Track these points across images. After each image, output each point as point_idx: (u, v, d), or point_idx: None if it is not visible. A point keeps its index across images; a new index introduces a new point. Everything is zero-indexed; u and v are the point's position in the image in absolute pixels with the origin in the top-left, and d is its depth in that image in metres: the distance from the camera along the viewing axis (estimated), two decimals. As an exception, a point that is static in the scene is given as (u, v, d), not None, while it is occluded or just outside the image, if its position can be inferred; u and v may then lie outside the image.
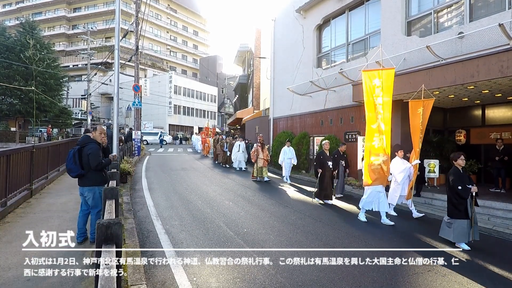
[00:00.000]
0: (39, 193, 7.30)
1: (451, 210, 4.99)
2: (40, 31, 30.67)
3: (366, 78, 6.37)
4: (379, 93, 6.17)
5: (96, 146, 4.39)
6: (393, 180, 6.78)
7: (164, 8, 54.47)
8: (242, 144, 14.47)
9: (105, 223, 2.20)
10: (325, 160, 7.86)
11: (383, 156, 6.07)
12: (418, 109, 6.55)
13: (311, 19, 13.56)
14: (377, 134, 6.13)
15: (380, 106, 6.12)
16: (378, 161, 6.09)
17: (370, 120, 6.29)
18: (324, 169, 7.76)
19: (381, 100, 6.13)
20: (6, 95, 27.22)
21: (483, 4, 7.77)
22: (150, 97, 33.96)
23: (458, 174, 5.00)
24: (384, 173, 6.12)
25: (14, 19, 45.27)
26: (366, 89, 6.37)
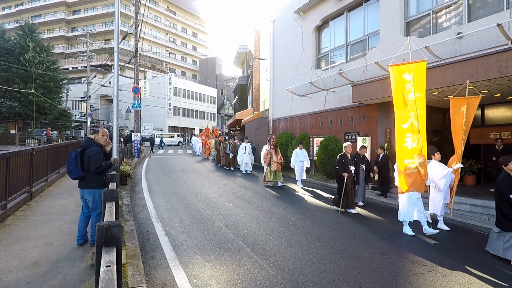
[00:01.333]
0: (39, 196, 7.29)
1: (502, 221, 4.37)
2: (40, 33, 30.70)
3: (395, 73, 5.80)
4: (411, 88, 5.57)
5: (97, 149, 4.39)
6: (432, 186, 6.08)
7: (163, 10, 54.57)
8: (248, 146, 13.90)
9: (105, 225, 2.20)
10: (348, 164, 7.19)
11: (419, 157, 5.42)
12: (461, 108, 5.95)
13: (310, 20, 13.58)
14: (410, 134, 5.54)
15: (413, 103, 5.53)
16: (414, 164, 5.45)
17: (400, 119, 5.68)
18: (347, 174, 7.08)
19: (413, 96, 5.52)
20: (5, 98, 27.24)
21: (482, 5, 7.79)
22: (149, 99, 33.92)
23: (509, 180, 4.37)
24: (421, 177, 5.43)
25: (13, 22, 45.40)
26: (395, 85, 5.79)
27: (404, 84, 5.67)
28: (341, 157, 7.29)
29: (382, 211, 7.30)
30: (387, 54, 9.37)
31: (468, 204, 7.27)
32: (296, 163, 10.65)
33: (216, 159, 16.92)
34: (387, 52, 9.50)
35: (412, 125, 5.57)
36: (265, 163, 10.59)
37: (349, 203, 7.05)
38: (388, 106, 9.52)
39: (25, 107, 26.59)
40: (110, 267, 1.77)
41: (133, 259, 3.85)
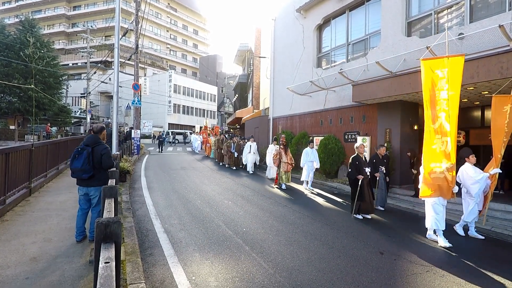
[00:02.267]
0: (38, 192, 7.29)
1: None
2: (40, 29, 30.60)
3: (426, 68, 5.31)
4: (444, 85, 5.07)
5: (108, 147, 4.50)
6: (464, 192, 5.62)
7: (164, 7, 54.41)
8: (253, 145, 13.46)
9: (104, 222, 2.20)
10: (362, 166, 6.63)
11: (446, 162, 5.01)
12: (504, 107, 5.48)
13: (312, 19, 13.55)
14: (439, 136, 5.11)
15: (445, 102, 5.06)
16: (441, 168, 5.05)
17: (429, 118, 5.27)
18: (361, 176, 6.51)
19: (446, 94, 5.04)
20: (5, 93, 27.18)
21: (483, 5, 7.78)
22: (149, 96, 33.90)
23: None
24: (448, 183, 4.99)
25: (13, 17, 45.23)
26: (425, 81, 5.32)
27: (436, 80, 5.18)
28: (354, 159, 6.68)
29: (382, 211, 7.30)
30: (388, 54, 9.37)
31: (466, 205, 7.27)
32: (306, 163, 10.02)
33: (218, 158, 16.49)
34: (388, 52, 9.49)
35: (441, 126, 5.10)
36: (275, 163, 10.05)
37: (367, 208, 6.47)
38: (389, 106, 9.54)
39: (25, 103, 26.53)
40: (109, 264, 1.77)
41: (131, 256, 3.85)
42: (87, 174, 4.24)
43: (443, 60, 5.16)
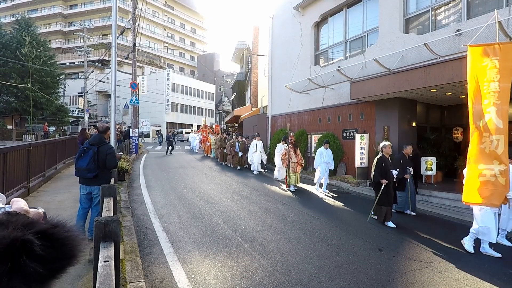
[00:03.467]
0: (36, 191, 7.27)
1: None
2: (36, 28, 30.39)
3: (474, 57, 4.68)
4: (495, 76, 4.43)
5: (113, 147, 4.54)
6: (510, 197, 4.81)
7: (161, 5, 54.13)
8: (259, 144, 12.88)
9: (104, 221, 2.20)
10: (388, 169, 6.03)
11: (498, 165, 4.35)
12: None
13: (309, 16, 13.53)
14: (487, 134, 4.49)
15: (494, 95, 4.42)
16: (492, 171, 4.38)
17: (475, 113, 4.66)
18: (388, 180, 5.94)
19: (497, 86, 4.41)
20: (2, 93, 27.02)
21: (481, 2, 7.79)
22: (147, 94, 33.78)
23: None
24: (503, 188, 4.32)
25: (10, 16, 44.90)
26: (471, 71, 4.68)
27: (484, 70, 4.54)
28: (379, 160, 6.08)
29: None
30: (386, 51, 9.37)
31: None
32: (320, 165, 9.25)
33: (220, 158, 15.99)
34: (386, 49, 9.50)
35: (491, 122, 4.46)
36: (284, 164, 9.45)
37: (387, 214, 5.91)
38: (387, 103, 9.55)
39: (22, 102, 26.38)
40: (108, 262, 1.77)
41: (131, 255, 3.85)
42: (92, 174, 4.26)
43: (494, 46, 4.52)
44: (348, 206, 7.44)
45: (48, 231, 0.53)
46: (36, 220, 0.56)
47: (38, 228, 0.52)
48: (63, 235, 0.54)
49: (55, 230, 0.55)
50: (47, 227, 0.54)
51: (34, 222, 0.54)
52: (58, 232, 0.54)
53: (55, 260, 0.53)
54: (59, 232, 0.55)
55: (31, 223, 0.53)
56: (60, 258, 0.54)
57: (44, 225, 0.54)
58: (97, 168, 4.27)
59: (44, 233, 0.52)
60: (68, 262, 0.55)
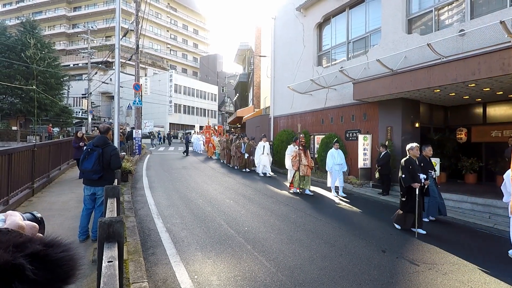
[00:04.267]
0: (41, 192, 7.32)
1: None
2: (41, 30, 30.67)
3: None
4: None
5: (117, 148, 4.56)
6: None
7: (164, 7, 54.39)
8: (266, 145, 12.42)
9: (107, 221, 2.21)
10: (417, 172, 5.58)
11: None
12: None
13: (312, 17, 13.52)
14: None
15: None
16: None
17: None
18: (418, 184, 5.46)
19: None
20: (7, 94, 27.27)
21: (484, 1, 7.74)
22: (150, 96, 33.94)
23: None
24: None
25: (14, 19, 45.27)
26: None
27: None
28: (407, 163, 5.62)
29: (383, 209, 7.30)
30: (388, 51, 9.35)
31: (469, 202, 7.28)
32: (332, 167, 8.78)
33: (226, 159, 15.48)
34: (388, 49, 9.47)
35: None
36: (294, 167, 8.96)
37: (418, 221, 5.44)
38: (390, 104, 9.52)
39: (27, 104, 26.61)
40: (112, 263, 1.78)
41: (134, 255, 3.87)
42: (97, 175, 4.28)
43: None
44: (351, 207, 7.41)
45: (41, 253, 0.50)
46: (30, 239, 0.52)
47: (30, 249, 0.49)
48: (57, 256, 0.51)
49: (49, 251, 0.51)
50: (39, 249, 0.50)
51: (26, 241, 0.51)
52: (51, 254, 0.51)
53: (50, 282, 0.50)
54: (52, 254, 0.51)
55: (23, 243, 0.49)
56: (54, 280, 0.50)
57: (37, 246, 0.50)
58: (102, 170, 4.30)
59: (37, 255, 0.49)
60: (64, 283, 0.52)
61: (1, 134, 22.64)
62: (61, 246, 0.54)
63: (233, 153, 14.14)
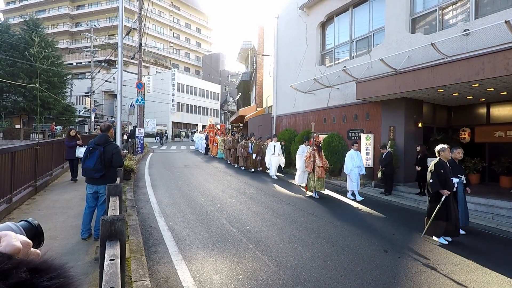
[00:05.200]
0: (44, 190, 7.36)
1: None
2: (44, 28, 30.78)
3: None
4: None
5: (119, 146, 4.63)
6: None
7: (167, 6, 54.40)
8: (278, 145, 11.82)
9: (109, 220, 2.22)
10: (448, 176, 5.05)
11: None
12: None
13: (315, 16, 13.48)
14: None
15: None
16: None
17: None
18: (449, 190, 4.96)
19: None
20: (10, 93, 27.42)
21: (489, 1, 7.68)
22: (153, 94, 33.99)
23: None
24: None
25: (18, 17, 45.50)
26: None
27: None
28: (437, 166, 5.06)
29: (386, 209, 7.28)
30: (392, 51, 9.31)
31: (472, 202, 7.22)
32: (352, 169, 8.19)
33: (232, 159, 14.98)
34: (392, 49, 9.43)
35: None
36: (308, 168, 8.33)
37: (451, 229, 5.02)
38: (393, 103, 9.48)
39: (30, 102, 26.74)
40: (114, 261, 1.79)
41: (136, 253, 3.88)
42: (99, 173, 4.30)
43: None
44: (353, 207, 7.39)
45: (25, 284, 0.44)
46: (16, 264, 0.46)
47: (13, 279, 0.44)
48: (43, 285, 0.45)
49: (34, 280, 0.45)
50: (24, 278, 0.44)
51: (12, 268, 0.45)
52: (37, 283, 0.45)
53: None
54: (38, 283, 0.45)
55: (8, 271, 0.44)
56: None
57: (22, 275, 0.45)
58: (104, 168, 4.32)
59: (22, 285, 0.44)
60: None
61: (5, 133, 22.78)
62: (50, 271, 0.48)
63: (239, 153, 13.66)
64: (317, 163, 8.23)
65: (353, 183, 8.19)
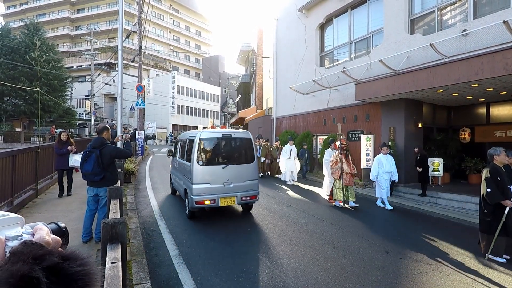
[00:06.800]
0: (44, 193, 7.36)
1: None
2: (44, 32, 30.86)
3: None
4: None
5: (115, 146, 4.81)
6: None
7: (167, 9, 54.57)
8: (293, 149, 10.78)
9: (111, 223, 2.22)
10: (505, 184, 4.32)
11: None
12: None
13: (314, 18, 13.52)
14: None
15: None
16: None
17: None
18: (508, 198, 4.23)
19: None
20: (11, 96, 27.45)
21: (487, 1, 7.71)
22: (153, 97, 34.03)
23: None
24: None
25: (18, 21, 45.63)
26: None
27: None
28: (494, 172, 4.37)
29: (386, 210, 7.26)
30: (391, 52, 9.32)
31: (473, 202, 7.23)
32: (380, 176, 7.38)
33: None
34: (391, 50, 9.45)
35: None
36: (335, 175, 7.46)
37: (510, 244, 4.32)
38: (392, 104, 9.49)
39: (30, 105, 26.77)
40: (115, 264, 1.79)
41: (137, 256, 3.88)
42: (98, 177, 4.31)
43: None
44: (354, 208, 7.38)
45: (57, 266, 0.51)
46: (49, 251, 0.54)
47: (48, 262, 0.50)
48: (72, 270, 0.51)
49: (65, 264, 0.52)
50: (56, 261, 0.51)
51: (45, 254, 0.52)
52: (67, 267, 0.52)
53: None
54: (68, 267, 0.52)
55: (41, 256, 0.51)
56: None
57: (54, 259, 0.51)
58: (103, 170, 4.32)
59: (54, 268, 0.50)
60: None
61: (5, 136, 22.80)
62: (78, 260, 0.55)
63: None
64: (344, 169, 7.38)
65: (381, 190, 7.44)
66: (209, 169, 5.80)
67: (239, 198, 5.88)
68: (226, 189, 5.80)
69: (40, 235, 0.59)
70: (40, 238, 0.58)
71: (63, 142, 6.99)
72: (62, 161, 6.80)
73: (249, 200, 6.09)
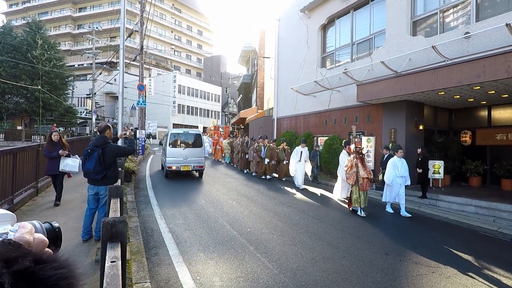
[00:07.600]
0: (45, 191, 7.37)
1: None
2: (46, 30, 30.95)
3: None
4: None
5: (117, 145, 4.91)
6: None
7: (169, 8, 54.64)
8: (305, 151, 10.13)
9: (111, 221, 2.22)
10: None
11: None
12: None
13: (316, 18, 13.52)
14: None
15: None
16: None
17: None
18: None
19: None
20: (12, 94, 27.53)
21: (490, 4, 7.70)
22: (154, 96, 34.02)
23: None
24: None
25: (20, 19, 45.71)
26: None
27: None
28: None
29: (387, 212, 7.25)
30: (393, 53, 9.32)
31: (473, 205, 7.22)
32: (394, 179, 7.06)
33: (241, 165, 13.61)
34: (393, 51, 9.44)
35: None
36: (350, 181, 7.08)
37: None
38: (394, 106, 9.48)
39: (32, 104, 26.85)
40: (115, 263, 1.79)
41: (137, 255, 3.87)
42: (100, 175, 4.32)
43: None
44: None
45: (28, 270, 0.47)
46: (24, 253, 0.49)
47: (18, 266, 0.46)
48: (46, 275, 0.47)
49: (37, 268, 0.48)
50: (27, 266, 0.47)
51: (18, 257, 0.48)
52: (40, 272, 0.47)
53: None
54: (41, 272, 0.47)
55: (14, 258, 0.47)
56: None
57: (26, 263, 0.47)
58: (104, 169, 4.33)
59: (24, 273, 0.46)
60: None
61: (6, 134, 22.83)
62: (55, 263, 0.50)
63: (251, 158, 12.10)
64: (361, 174, 6.89)
65: (391, 194, 7.17)
66: (175, 150, 10.49)
67: (192, 167, 10.50)
68: (184, 161, 10.40)
69: (19, 233, 0.56)
70: (19, 237, 0.55)
71: (54, 143, 6.11)
72: (52, 165, 6.03)
73: (199, 168, 10.74)
